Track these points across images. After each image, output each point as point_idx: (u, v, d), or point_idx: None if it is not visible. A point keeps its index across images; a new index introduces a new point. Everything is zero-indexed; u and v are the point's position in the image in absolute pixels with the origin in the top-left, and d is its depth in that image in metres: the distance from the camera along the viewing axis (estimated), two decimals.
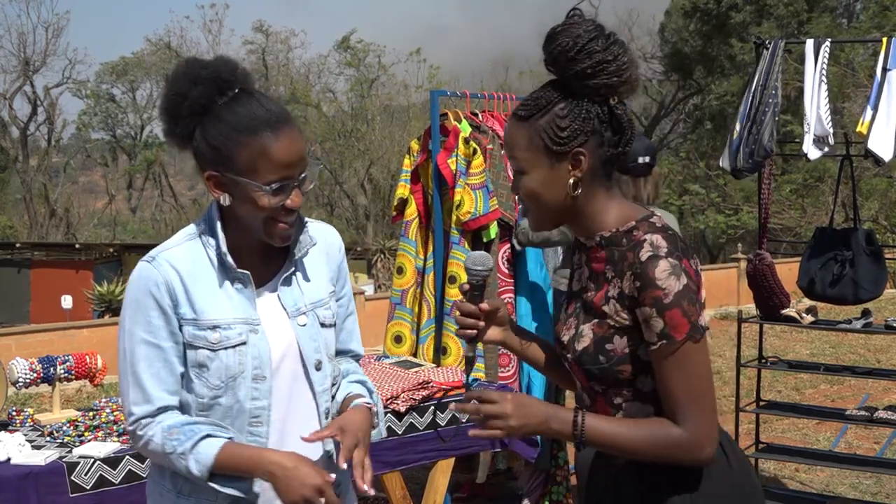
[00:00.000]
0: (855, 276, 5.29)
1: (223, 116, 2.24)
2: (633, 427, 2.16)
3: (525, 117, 2.18)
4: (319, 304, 2.46)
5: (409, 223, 5.76)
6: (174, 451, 2.25)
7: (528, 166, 2.19)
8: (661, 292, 2.07)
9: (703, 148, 35.39)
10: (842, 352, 11.76)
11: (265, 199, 2.24)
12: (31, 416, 3.82)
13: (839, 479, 6.55)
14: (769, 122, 5.36)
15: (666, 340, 2.09)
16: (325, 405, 2.46)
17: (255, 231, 2.31)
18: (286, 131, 2.26)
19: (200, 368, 2.30)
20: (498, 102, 5.99)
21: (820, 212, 26.35)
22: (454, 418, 4.37)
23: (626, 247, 2.16)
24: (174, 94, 2.27)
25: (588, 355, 2.20)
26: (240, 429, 2.33)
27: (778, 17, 32.68)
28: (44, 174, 44.26)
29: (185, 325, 2.29)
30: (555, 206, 2.21)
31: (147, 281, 2.29)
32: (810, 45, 5.45)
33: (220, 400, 2.31)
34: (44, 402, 9.10)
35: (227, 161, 2.24)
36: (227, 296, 2.33)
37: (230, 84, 2.28)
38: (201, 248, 2.34)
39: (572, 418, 2.16)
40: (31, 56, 43.08)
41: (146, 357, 2.28)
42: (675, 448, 2.13)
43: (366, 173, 38.50)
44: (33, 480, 3.16)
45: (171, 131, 2.30)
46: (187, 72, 2.28)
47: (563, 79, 2.15)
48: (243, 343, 2.31)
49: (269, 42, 43.41)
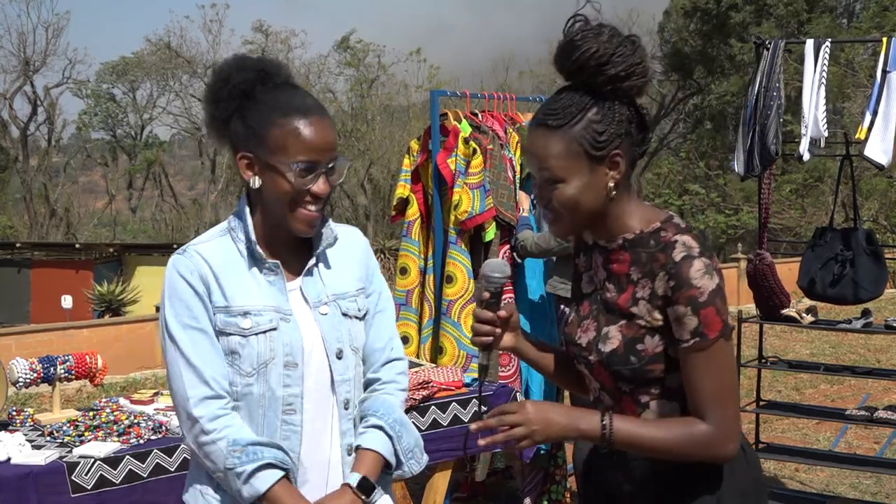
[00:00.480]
0: (855, 276, 5.29)
1: (262, 100, 2.35)
2: (660, 427, 2.18)
3: (557, 126, 2.16)
4: (343, 296, 2.50)
5: (412, 223, 5.76)
6: (233, 467, 2.29)
7: (566, 175, 2.17)
8: (697, 291, 2.10)
9: (703, 148, 35.40)
10: (842, 352, 11.77)
11: (291, 178, 2.31)
12: (32, 416, 3.83)
13: (839, 478, 6.55)
14: (773, 125, 5.35)
15: (699, 338, 2.12)
16: (344, 395, 2.46)
17: (281, 216, 2.37)
18: (318, 118, 2.35)
19: (233, 356, 2.35)
20: (498, 102, 5.99)
21: (820, 211, 26.35)
22: (456, 418, 4.37)
23: (656, 248, 2.19)
24: (218, 79, 2.38)
25: (618, 356, 2.21)
26: (273, 418, 2.36)
27: (778, 17, 32.67)
28: (44, 174, 44.25)
29: (217, 312, 2.35)
30: (592, 211, 2.22)
31: (181, 269, 2.36)
32: (810, 46, 5.44)
33: (253, 388, 2.34)
34: (44, 402, 9.10)
35: (259, 140, 2.33)
36: (257, 285, 2.39)
37: (272, 75, 2.39)
38: (231, 242, 2.42)
39: (599, 420, 2.17)
40: (31, 56, 43.07)
41: (193, 341, 2.33)
42: (701, 445, 2.15)
43: (366, 173, 38.49)
44: (33, 480, 3.16)
45: (212, 116, 2.40)
46: (234, 61, 2.41)
47: (592, 84, 2.15)
48: (274, 329, 2.36)
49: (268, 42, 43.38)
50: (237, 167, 2.39)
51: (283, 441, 2.37)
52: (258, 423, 2.36)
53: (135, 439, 3.49)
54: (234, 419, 2.33)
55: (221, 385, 2.34)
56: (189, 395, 2.32)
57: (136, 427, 3.56)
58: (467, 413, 4.41)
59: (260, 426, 2.36)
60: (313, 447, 2.42)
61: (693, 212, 33.97)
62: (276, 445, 2.34)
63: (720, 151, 34.08)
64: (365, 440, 2.50)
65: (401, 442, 2.55)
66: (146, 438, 3.51)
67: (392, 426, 2.53)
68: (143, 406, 3.91)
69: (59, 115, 46.18)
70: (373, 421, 2.52)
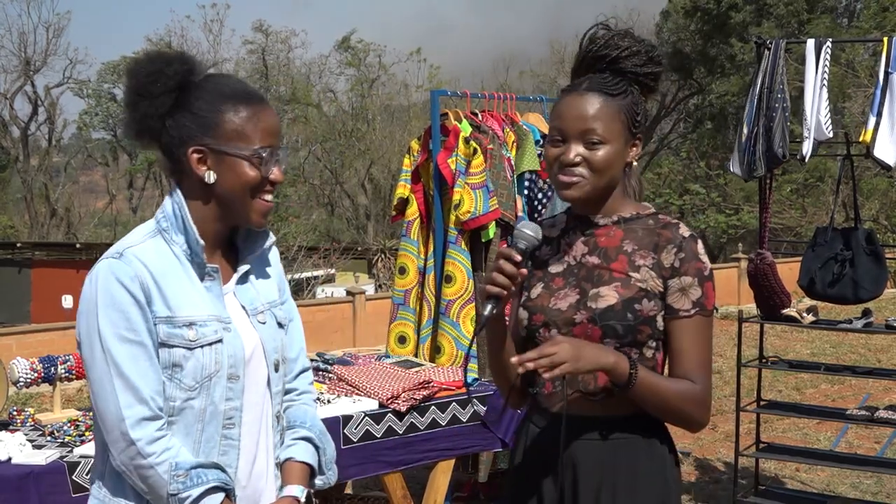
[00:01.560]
0: (855, 276, 5.29)
1: (204, 87, 2.26)
2: (669, 380, 2.35)
3: (615, 95, 2.37)
4: (273, 304, 2.44)
5: (411, 223, 5.76)
6: (177, 493, 2.17)
7: (611, 138, 2.36)
8: (703, 265, 2.35)
9: (704, 148, 35.38)
10: (842, 351, 11.77)
11: (253, 167, 2.23)
12: (32, 416, 3.82)
13: (840, 478, 6.55)
14: (779, 128, 5.34)
15: (699, 308, 2.34)
16: (276, 407, 2.42)
17: (239, 209, 2.27)
18: (266, 103, 2.30)
19: (174, 369, 2.21)
20: (498, 102, 5.99)
21: (821, 211, 26.36)
22: (455, 418, 4.37)
23: (656, 226, 2.40)
24: (148, 74, 2.23)
25: (615, 312, 2.34)
26: (213, 433, 2.27)
27: (778, 16, 32.64)
28: (44, 174, 44.22)
29: (159, 323, 2.20)
30: (613, 179, 2.41)
31: (119, 276, 2.18)
32: (811, 46, 5.43)
33: (193, 402, 2.23)
34: (45, 402, 9.10)
35: (213, 129, 2.22)
36: (197, 293, 2.27)
37: (198, 66, 2.30)
38: (165, 245, 2.26)
39: (628, 359, 2.28)
40: (31, 56, 43.05)
41: (131, 356, 2.17)
42: (697, 403, 2.34)
43: (366, 173, 38.46)
44: (34, 480, 3.16)
45: (144, 114, 2.23)
46: (157, 56, 2.28)
47: (635, 74, 2.41)
48: (219, 341, 2.25)
49: (269, 42, 43.35)
50: (180, 164, 2.26)
51: (221, 456, 2.28)
52: (195, 439, 2.25)
53: None
54: (172, 441, 2.20)
55: (158, 404, 2.19)
56: (125, 416, 2.15)
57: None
58: (466, 413, 4.41)
59: (197, 441, 2.25)
60: (249, 461, 2.35)
61: (694, 211, 33.97)
62: (216, 466, 2.24)
63: (721, 151, 34.07)
64: (297, 452, 2.45)
65: (325, 454, 2.52)
66: None
67: (319, 438, 2.50)
68: None
69: (60, 115, 46.18)
70: (302, 433, 2.48)
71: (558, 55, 40.27)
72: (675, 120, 39.86)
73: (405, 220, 5.80)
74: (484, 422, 4.46)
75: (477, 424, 4.44)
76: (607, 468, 2.36)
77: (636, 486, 2.35)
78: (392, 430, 4.16)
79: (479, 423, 4.45)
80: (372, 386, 4.28)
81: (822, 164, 26.68)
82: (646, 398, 2.29)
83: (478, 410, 4.45)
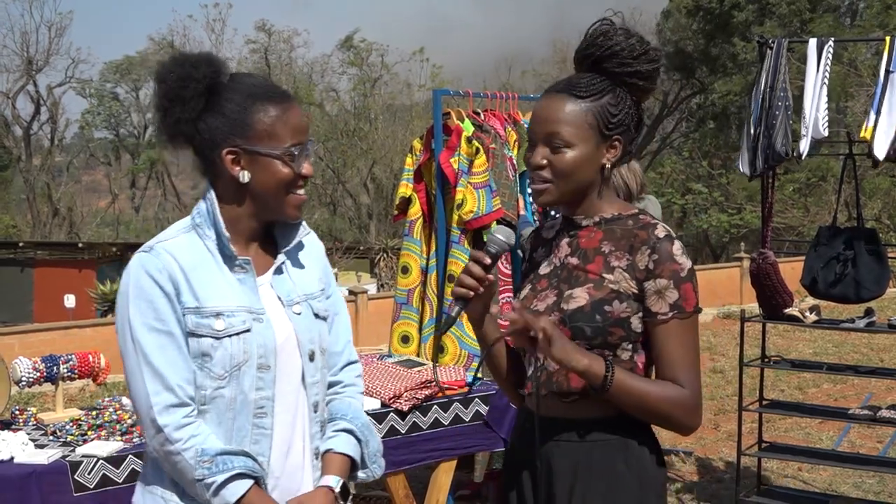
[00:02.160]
0: (857, 276, 5.29)
1: (233, 88, 2.31)
2: (651, 383, 2.32)
3: (582, 97, 2.34)
4: (312, 296, 2.46)
5: (414, 222, 5.76)
6: (203, 478, 2.22)
7: (576, 141, 2.33)
8: (679, 266, 2.30)
9: (706, 147, 35.38)
10: (845, 351, 11.76)
11: (285, 165, 2.30)
12: (35, 416, 3.83)
13: (842, 478, 6.54)
14: (781, 126, 5.34)
15: (677, 311, 2.30)
16: (314, 397, 2.43)
17: (274, 205, 2.34)
18: (292, 100, 2.36)
19: (203, 358, 2.26)
20: (501, 101, 5.99)
21: (823, 211, 26.35)
22: (458, 418, 4.37)
23: (634, 226, 2.36)
24: (178, 78, 2.27)
25: (583, 313, 2.31)
26: (244, 422, 2.30)
27: (780, 15, 32.64)
28: (47, 173, 44.26)
29: (188, 313, 2.26)
30: (582, 183, 2.38)
31: (149, 268, 2.26)
32: (813, 45, 5.43)
33: (224, 391, 2.27)
34: (47, 402, 9.11)
35: (245, 130, 2.28)
36: (228, 284, 2.31)
37: (223, 67, 2.34)
38: (198, 240, 2.33)
39: (604, 361, 2.26)
40: (34, 55, 43.09)
41: (159, 345, 2.24)
42: (682, 408, 2.29)
43: (368, 172, 38.48)
44: (36, 479, 3.17)
45: (177, 119, 2.28)
46: (184, 59, 2.32)
47: (617, 73, 2.36)
48: (247, 331, 2.29)
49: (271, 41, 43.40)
50: (214, 165, 2.32)
51: (252, 445, 2.31)
52: (227, 428, 2.30)
53: (138, 438, 3.49)
54: (200, 427, 2.26)
55: (186, 392, 2.25)
56: (153, 403, 2.22)
57: (139, 426, 3.56)
58: (469, 412, 4.41)
59: (229, 431, 2.29)
60: (283, 451, 2.38)
61: (696, 211, 33.97)
62: (245, 453, 2.28)
63: (723, 150, 34.09)
64: (337, 444, 2.47)
65: (368, 446, 2.54)
66: None
67: (361, 430, 2.52)
68: None
69: (62, 115, 46.26)
70: (343, 424, 2.50)
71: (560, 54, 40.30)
72: (677, 119, 39.86)
73: (408, 219, 5.80)
74: (486, 421, 4.46)
75: (479, 424, 4.45)
76: (582, 470, 2.35)
77: (612, 488, 2.33)
78: (394, 430, 4.16)
79: (481, 423, 4.45)
80: (374, 385, 4.28)
81: (825, 164, 26.68)
82: (624, 401, 2.27)
83: (480, 410, 4.45)
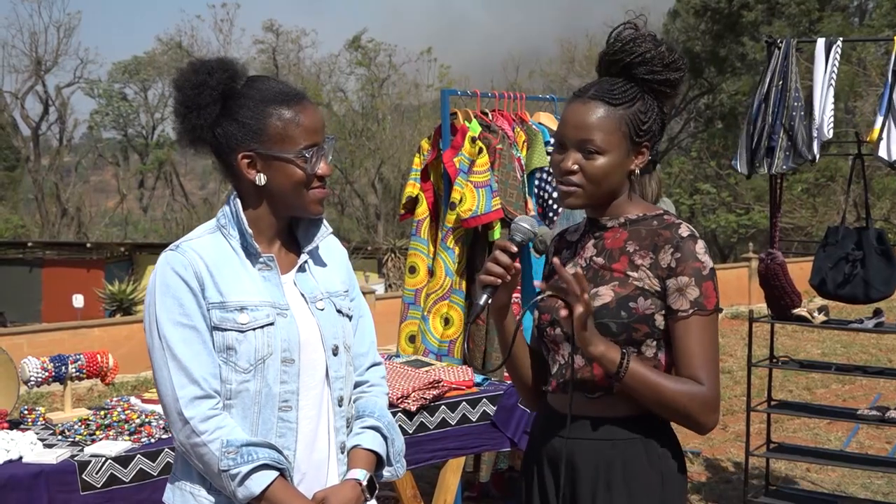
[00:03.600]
0: (866, 276, 5.28)
1: (247, 94, 2.35)
2: (668, 377, 2.32)
3: (616, 104, 2.37)
4: (334, 294, 2.51)
5: (421, 222, 5.77)
6: (228, 469, 2.27)
7: (609, 148, 2.36)
8: (701, 265, 2.33)
9: (715, 147, 35.29)
10: (853, 351, 11.74)
11: (302, 165, 2.33)
12: (43, 415, 3.84)
13: (850, 478, 6.53)
14: (799, 129, 5.33)
15: (698, 308, 2.32)
16: (338, 392, 2.47)
17: (292, 206, 2.39)
18: (307, 101, 2.39)
19: (229, 352, 2.32)
20: (509, 101, 5.99)
21: (832, 211, 26.30)
22: (465, 418, 4.37)
23: (659, 226, 2.40)
24: (194, 86, 2.33)
25: (609, 310, 2.34)
26: (269, 415, 2.34)
27: (789, 15, 32.55)
28: (55, 173, 44.35)
29: (212, 308, 2.32)
30: (611, 188, 2.41)
31: (174, 265, 2.33)
32: (821, 46, 5.42)
33: (249, 385, 2.32)
34: (55, 401, 9.13)
35: (258, 135, 2.33)
36: (252, 280, 2.37)
37: (240, 70, 2.39)
38: (223, 239, 2.40)
39: (620, 350, 2.28)
40: (42, 55, 43.21)
41: (184, 339, 2.30)
42: (700, 404, 2.30)
43: (376, 172, 38.51)
44: (45, 479, 3.17)
45: (194, 125, 2.35)
46: (200, 66, 2.37)
47: (645, 80, 2.39)
48: (271, 324, 2.34)
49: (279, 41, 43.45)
50: (233, 169, 2.38)
51: (278, 438, 2.35)
52: (252, 421, 2.34)
53: (146, 438, 3.50)
54: (225, 419, 2.31)
55: (211, 385, 2.31)
56: (179, 395, 2.28)
57: (148, 426, 3.57)
58: (476, 412, 4.41)
59: (255, 424, 2.34)
60: (308, 444, 2.41)
61: (704, 211, 33.92)
62: (270, 445, 2.32)
63: (731, 151, 33.95)
64: (365, 440, 2.52)
65: (394, 445, 2.58)
66: (157, 437, 3.52)
67: (388, 428, 2.57)
68: (154, 405, 3.90)
69: (71, 115, 46.33)
70: (370, 422, 2.55)
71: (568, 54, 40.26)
72: (685, 119, 39.79)
73: (415, 218, 5.80)
74: (493, 422, 4.46)
75: (486, 424, 4.44)
76: (604, 468, 2.36)
77: (633, 487, 2.35)
78: (402, 430, 4.15)
79: (488, 423, 4.45)
80: None
81: (833, 164, 26.62)
82: (639, 391, 2.28)
83: (487, 410, 4.45)
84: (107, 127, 49.21)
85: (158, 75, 47.67)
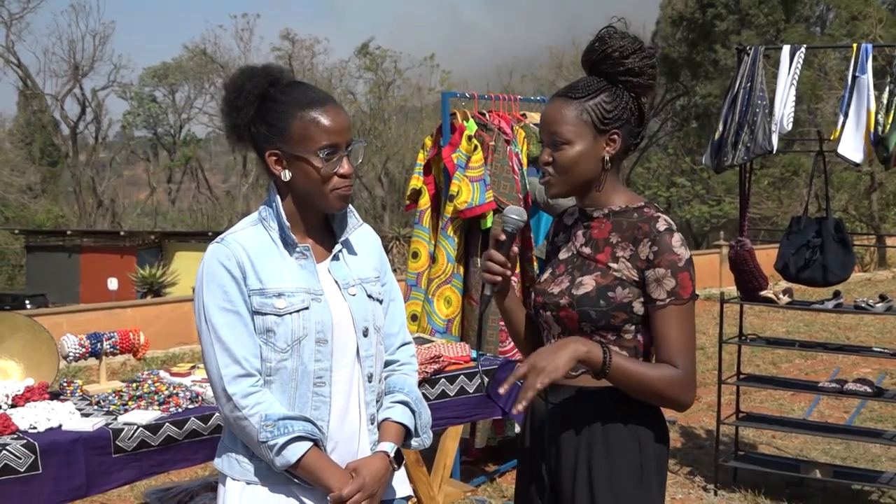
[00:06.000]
0: (824, 261, 5.27)
1: (278, 98, 2.35)
2: (646, 365, 2.31)
3: (576, 98, 2.35)
4: (366, 280, 2.51)
5: (423, 212, 5.78)
6: (266, 441, 2.29)
7: (574, 138, 2.35)
8: (677, 257, 2.30)
9: (689, 144, 35.30)
10: (815, 329, 11.74)
11: (318, 164, 2.32)
12: (81, 387, 3.83)
13: (812, 444, 6.54)
14: (761, 124, 5.31)
15: (675, 297, 2.30)
16: (368, 369, 2.47)
17: (315, 201, 2.39)
18: (332, 105, 2.37)
19: (268, 334, 2.33)
20: (503, 103, 6.00)
21: (795, 202, 26.33)
22: (462, 389, 4.37)
23: (639, 219, 2.36)
24: (235, 89, 2.36)
25: (589, 298, 2.34)
26: (305, 391, 2.36)
27: (758, 25, 32.53)
28: (92, 168, 44.38)
29: (253, 295, 2.34)
30: (584, 176, 2.39)
31: (219, 256, 2.35)
32: (786, 51, 5.41)
33: (286, 363, 2.34)
34: (92, 375, 9.13)
35: (282, 135, 2.33)
36: (289, 269, 2.38)
37: (280, 77, 2.39)
38: (264, 231, 2.41)
39: (601, 348, 2.25)
40: (80, 61, 43.16)
41: (227, 323, 2.32)
42: (677, 386, 2.28)
43: (382, 168, 38.52)
44: (82, 444, 3.18)
45: (234, 123, 2.38)
46: (243, 71, 2.41)
47: (611, 73, 2.36)
48: (306, 308, 2.35)
49: (295, 49, 43.41)
50: (265, 165, 2.39)
51: (313, 411, 2.37)
52: (290, 396, 2.36)
53: (174, 408, 3.49)
54: (265, 395, 2.33)
55: (252, 364, 2.33)
56: (223, 374, 2.32)
57: (175, 397, 3.57)
58: (472, 385, 4.41)
59: (292, 398, 2.36)
60: (341, 417, 2.42)
61: (679, 203, 33.95)
62: (305, 419, 2.34)
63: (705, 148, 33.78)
64: (394, 414, 2.53)
65: (421, 418, 2.59)
66: (184, 407, 3.52)
67: (416, 403, 2.58)
68: (181, 378, 3.91)
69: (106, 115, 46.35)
70: (399, 397, 2.56)
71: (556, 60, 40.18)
72: (662, 119, 39.77)
73: (418, 209, 5.81)
74: (488, 394, 4.46)
75: (481, 395, 4.44)
76: (586, 433, 2.37)
77: (611, 453, 2.35)
78: None
79: (483, 395, 4.45)
80: None
81: (797, 160, 26.62)
82: (623, 382, 2.27)
83: (482, 383, 4.44)
84: (138, 126, 49.21)
85: (185, 79, 47.67)
